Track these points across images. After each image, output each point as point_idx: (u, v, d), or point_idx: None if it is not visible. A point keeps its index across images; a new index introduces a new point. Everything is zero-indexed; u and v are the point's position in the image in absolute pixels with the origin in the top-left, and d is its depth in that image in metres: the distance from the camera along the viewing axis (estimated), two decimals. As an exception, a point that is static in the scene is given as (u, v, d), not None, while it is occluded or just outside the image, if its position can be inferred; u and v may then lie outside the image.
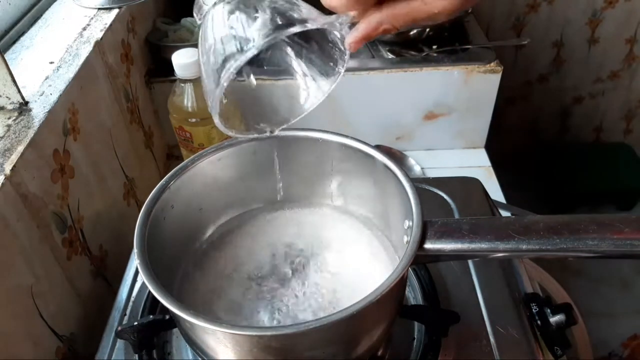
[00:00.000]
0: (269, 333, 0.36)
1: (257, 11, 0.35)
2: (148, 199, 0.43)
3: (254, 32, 0.34)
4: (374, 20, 0.34)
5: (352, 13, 0.35)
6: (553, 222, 0.38)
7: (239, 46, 0.34)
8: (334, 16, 0.35)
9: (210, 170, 0.48)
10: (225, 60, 0.35)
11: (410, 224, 0.40)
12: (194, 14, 0.39)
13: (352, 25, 0.35)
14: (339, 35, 0.37)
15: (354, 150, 0.47)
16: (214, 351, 0.39)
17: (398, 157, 0.82)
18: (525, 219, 0.39)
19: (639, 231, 0.36)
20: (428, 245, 0.38)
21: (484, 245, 0.38)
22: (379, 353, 0.46)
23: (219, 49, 0.36)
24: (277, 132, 0.47)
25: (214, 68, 0.36)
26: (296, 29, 0.34)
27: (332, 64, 0.40)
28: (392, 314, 0.41)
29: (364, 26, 0.35)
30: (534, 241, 0.37)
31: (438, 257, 0.40)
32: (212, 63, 0.36)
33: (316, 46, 0.41)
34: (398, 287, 0.40)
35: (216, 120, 0.39)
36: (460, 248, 0.38)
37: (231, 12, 0.36)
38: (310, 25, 0.34)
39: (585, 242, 0.36)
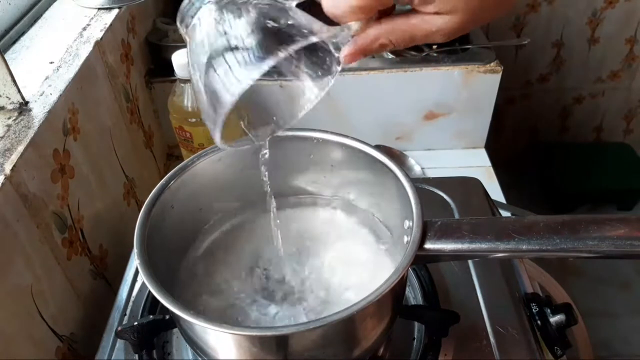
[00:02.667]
0: (269, 333, 0.36)
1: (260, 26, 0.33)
2: (148, 199, 0.43)
3: (253, 43, 0.32)
4: (371, 34, 0.34)
5: (355, 25, 0.35)
6: (553, 222, 0.38)
7: (244, 57, 0.32)
8: (337, 28, 0.34)
9: (210, 170, 0.48)
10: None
11: (411, 224, 0.40)
12: (178, 25, 0.38)
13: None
14: (332, 46, 0.36)
15: (353, 150, 0.47)
16: (214, 351, 0.39)
17: (398, 157, 0.82)
18: (525, 219, 0.39)
19: (639, 231, 0.36)
20: (428, 246, 0.38)
21: (484, 246, 0.38)
22: (379, 353, 0.46)
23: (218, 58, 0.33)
24: (277, 133, 0.47)
25: (209, 82, 0.33)
26: (302, 43, 0.32)
27: (321, 71, 0.39)
28: (392, 314, 0.41)
29: (362, 40, 0.35)
30: (534, 241, 0.37)
31: (438, 257, 0.40)
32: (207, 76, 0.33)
33: (306, 52, 0.40)
34: (398, 287, 0.40)
35: (218, 140, 0.36)
36: (460, 248, 0.38)
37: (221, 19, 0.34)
38: (315, 39, 0.33)
39: (585, 242, 0.36)
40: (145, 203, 0.42)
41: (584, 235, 0.36)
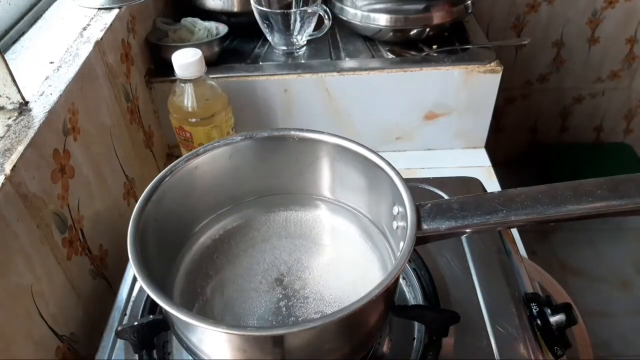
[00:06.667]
0: (264, 333, 0.36)
1: None
2: (144, 193, 0.43)
3: None
4: None
5: None
6: (533, 192, 0.41)
7: None
8: None
9: (204, 170, 0.48)
10: None
11: (400, 209, 0.42)
12: None
13: None
14: None
15: (335, 147, 0.48)
16: (210, 351, 0.39)
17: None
18: (507, 192, 0.42)
19: (609, 193, 0.40)
20: (425, 226, 0.40)
21: (475, 220, 0.40)
22: (379, 352, 0.46)
23: None
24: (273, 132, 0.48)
25: None
26: None
27: None
28: (389, 304, 0.42)
29: None
30: (521, 211, 0.40)
31: (435, 236, 0.42)
32: None
33: None
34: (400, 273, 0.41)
35: None
36: (454, 225, 0.40)
37: None
38: None
39: (566, 207, 0.40)
40: (141, 198, 0.43)
41: (564, 201, 0.40)
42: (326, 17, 0.78)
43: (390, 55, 0.82)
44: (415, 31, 0.81)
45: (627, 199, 0.39)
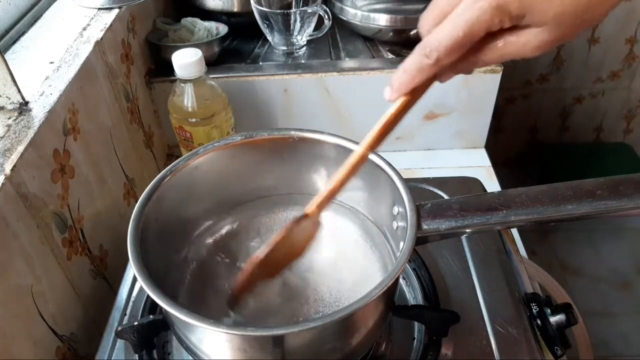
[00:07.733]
0: (264, 333, 0.36)
1: None
2: (144, 193, 0.43)
3: None
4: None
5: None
6: (533, 192, 0.41)
7: None
8: None
9: (204, 170, 0.48)
10: None
11: (400, 209, 0.42)
12: None
13: None
14: None
15: (336, 147, 0.48)
16: (210, 351, 0.39)
17: (398, 157, 0.82)
18: (507, 192, 0.42)
19: (609, 193, 0.40)
20: (425, 226, 0.40)
21: (476, 220, 0.40)
22: (379, 352, 0.46)
23: None
24: (273, 132, 0.48)
25: None
26: None
27: None
28: (389, 304, 0.42)
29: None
30: (521, 211, 0.40)
31: (435, 236, 0.42)
32: None
33: None
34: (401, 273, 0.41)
35: None
36: (454, 225, 0.40)
37: None
38: None
39: (565, 207, 0.40)
40: (141, 198, 0.43)
41: (564, 201, 0.40)
42: (326, 17, 0.78)
43: (390, 55, 0.82)
44: (415, 31, 0.81)
45: (627, 199, 0.39)
